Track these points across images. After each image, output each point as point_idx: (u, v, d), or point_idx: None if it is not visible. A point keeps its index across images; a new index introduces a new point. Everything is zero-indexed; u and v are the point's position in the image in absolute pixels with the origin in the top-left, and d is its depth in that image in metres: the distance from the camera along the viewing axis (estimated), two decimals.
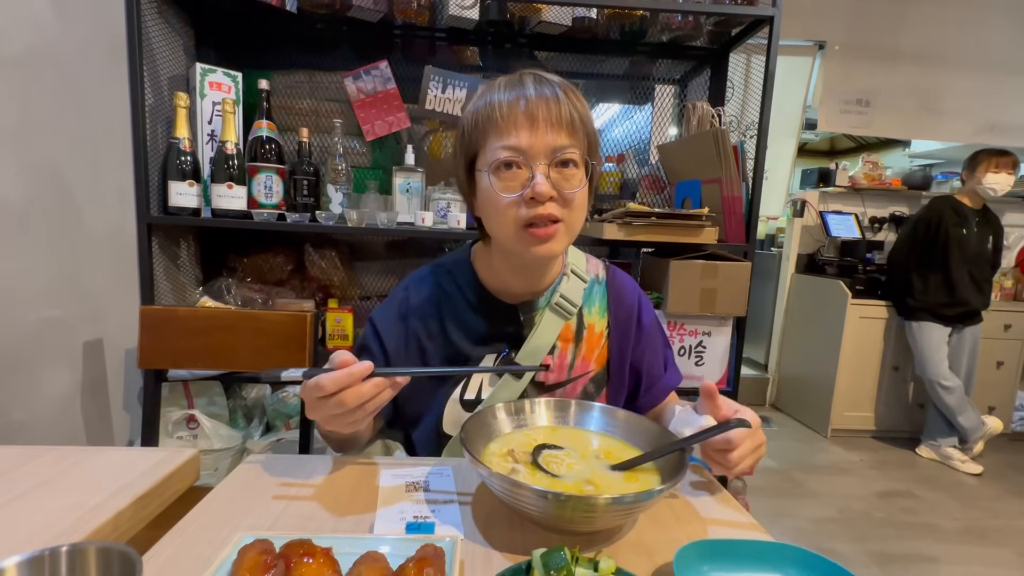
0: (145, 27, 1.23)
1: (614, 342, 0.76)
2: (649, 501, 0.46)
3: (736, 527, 0.54)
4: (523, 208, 0.61)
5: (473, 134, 0.64)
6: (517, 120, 0.60)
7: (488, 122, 0.62)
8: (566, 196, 0.61)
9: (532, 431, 0.61)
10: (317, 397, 0.51)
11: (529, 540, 0.48)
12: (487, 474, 0.46)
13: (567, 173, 0.62)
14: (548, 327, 0.71)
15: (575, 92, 0.64)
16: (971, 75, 2.83)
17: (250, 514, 0.51)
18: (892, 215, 3.16)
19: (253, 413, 1.54)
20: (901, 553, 1.81)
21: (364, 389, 0.51)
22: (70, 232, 1.08)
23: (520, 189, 0.61)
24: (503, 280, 0.71)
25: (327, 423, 0.54)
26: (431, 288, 0.73)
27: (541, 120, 0.60)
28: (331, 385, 0.50)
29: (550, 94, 0.61)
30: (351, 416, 0.52)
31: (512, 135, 0.60)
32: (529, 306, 0.72)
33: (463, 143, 0.66)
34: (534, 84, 0.62)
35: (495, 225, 0.65)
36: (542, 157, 0.60)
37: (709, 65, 1.66)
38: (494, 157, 0.61)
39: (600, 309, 0.76)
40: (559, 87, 0.62)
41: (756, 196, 1.43)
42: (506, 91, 0.62)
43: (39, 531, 0.44)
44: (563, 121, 0.60)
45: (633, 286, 0.80)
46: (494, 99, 0.62)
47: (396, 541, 0.44)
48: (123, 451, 0.60)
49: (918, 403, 2.84)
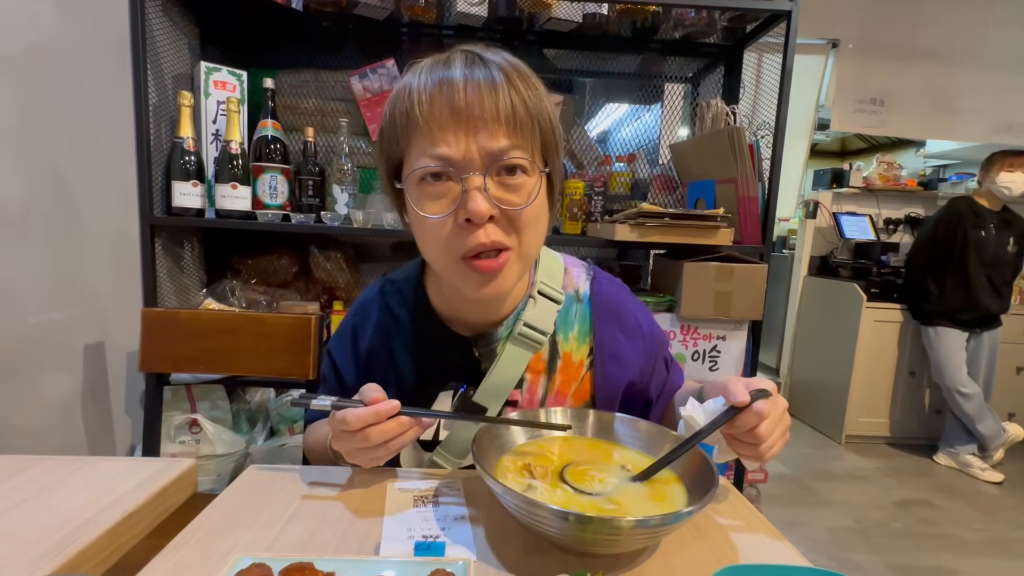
0: (149, 25, 1.22)
1: (599, 374, 0.63)
2: (677, 523, 0.42)
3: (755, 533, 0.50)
4: (458, 234, 0.49)
5: (392, 136, 0.51)
6: (441, 117, 0.47)
7: (408, 121, 0.49)
8: (511, 215, 0.49)
9: (547, 442, 0.58)
10: (342, 430, 0.50)
11: (547, 563, 0.45)
12: (501, 491, 0.43)
13: (512, 183, 0.49)
14: (512, 360, 0.59)
15: (522, 74, 0.50)
16: (988, 74, 2.77)
17: (250, 530, 0.48)
18: (907, 216, 3.10)
19: (257, 417, 1.52)
20: (922, 565, 1.75)
21: (389, 427, 0.49)
22: (71, 233, 1.06)
23: (449, 206, 0.49)
24: (454, 308, 0.61)
25: (350, 456, 0.52)
26: (379, 313, 0.63)
27: (474, 116, 0.47)
28: (356, 422, 0.48)
29: (484, 78, 0.47)
30: (374, 452, 0.51)
31: (438, 138, 0.47)
32: (487, 338, 0.60)
33: (383, 147, 0.53)
34: (464, 66, 0.48)
35: (427, 254, 0.55)
36: (475, 166, 0.48)
37: (723, 62, 1.63)
38: (416, 166, 0.49)
39: (580, 334, 0.63)
40: (498, 68, 0.48)
41: (772, 196, 1.39)
42: (428, 76, 0.48)
43: (24, 550, 0.41)
44: (502, 116, 0.47)
45: (623, 298, 0.67)
46: (413, 90, 0.48)
47: (404, 564, 0.41)
48: (118, 461, 0.57)
49: (935, 409, 2.77)
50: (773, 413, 0.48)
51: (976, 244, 2.39)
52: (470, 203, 0.47)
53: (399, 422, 0.50)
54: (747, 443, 0.49)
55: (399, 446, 0.51)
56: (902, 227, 3.12)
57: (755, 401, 0.48)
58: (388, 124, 0.52)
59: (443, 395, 0.62)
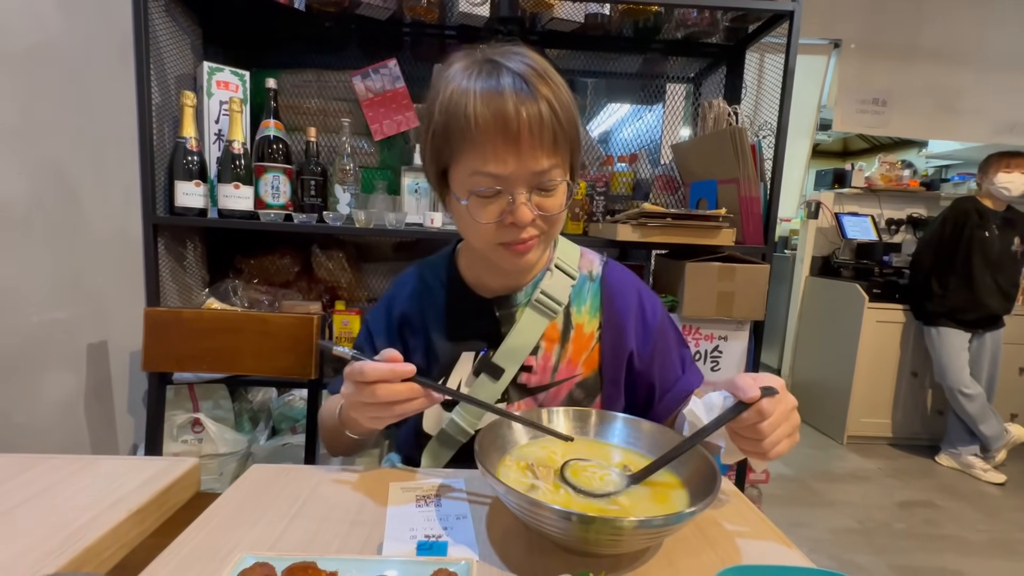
0: (152, 25, 1.22)
1: (607, 345, 0.69)
2: (679, 524, 0.42)
3: (759, 536, 0.50)
4: (502, 230, 0.58)
5: (444, 143, 0.57)
6: (495, 141, 0.54)
7: (461, 136, 0.55)
8: (547, 217, 0.59)
9: (550, 442, 0.58)
10: (356, 381, 0.51)
11: (550, 562, 0.45)
12: (504, 491, 0.43)
13: (549, 194, 0.58)
14: (529, 326, 0.66)
15: (554, 84, 0.56)
16: (991, 74, 2.76)
17: (253, 529, 0.48)
18: (910, 217, 3.10)
19: (259, 417, 1.52)
20: (925, 566, 1.75)
21: (399, 388, 0.51)
22: (74, 232, 1.07)
23: (498, 215, 0.57)
24: (479, 274, 0.70)
25: (355, 410, 0.54)
26: (414, 283, 0.72)
27: (523, 141, 0.54)
28: (372, 373, 0.50)
29: (533, 109, 0.53)
30: (378, 411, 0.52)
31: (490, 161, 0.54)
32: (506, 301, 0.68)
33: (433, 147, 0.59)
34: (513, 91, 0.53)
35: (471, 238, 0.63)
36: (523, 183, 0.56)
37: (725, 63, 1.62)
38: (471, 183, 0.56)
39: (591, 308, 0.70)
40: (537, 87, 0.54)
41: (775, 196, 1.38)
42: (482, 97, 0.53)
43: (29, 549, 0.41)
44: (545, 139, 0.55)
45: (633, 282, 0.73)
46: (468, 108, 0.53)
47: (406, 564, 0.41)
48: (121, 460, 0.57)
49: (937, 410, 2.76)
50: (778, 411, 0.48)
51: (980, 244, 2.39)
52: (518, 213, 0.56)
53: (409, 387, 0.51)
54: (750, 439, 0.49)
55: (403, 412, 0.52)
56: (904, 227, 3.11)
57: (762, 398, 0.48)
58: (441, 131, 0.57)
59: (465, 355, 0.68)
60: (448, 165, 0.59)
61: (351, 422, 0.59)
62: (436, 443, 0.68)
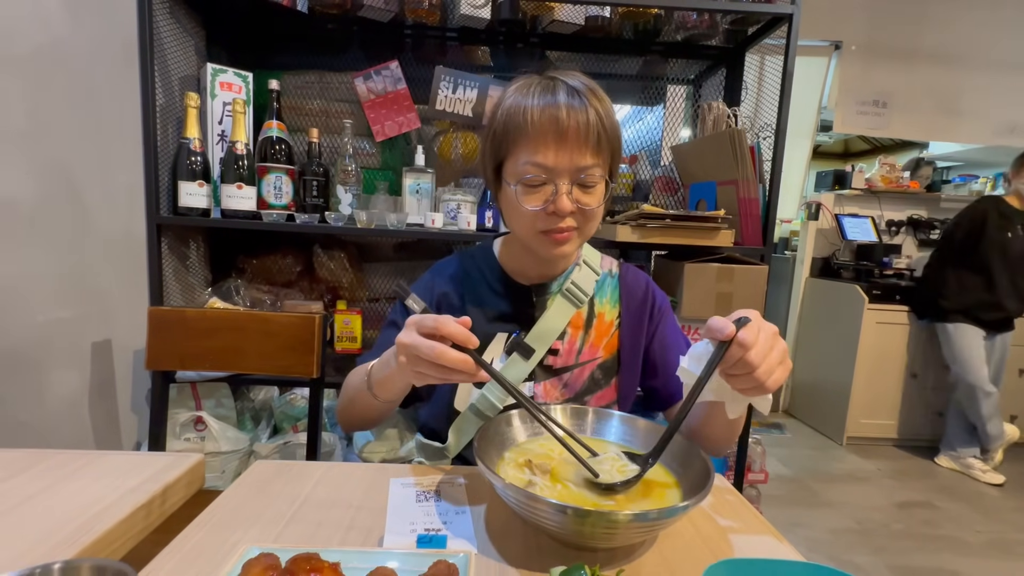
0: (156, 27, 1.23)
1: (626, 332, 0.77)
2: (673, 518, 0.43)
3: (753, 533, 0.51)
4: (543, 219, 0.64)
5: (503, 139, 0.65)
6: (546, 136, 0.61)
7: (518, 132, 0.63)
8: (584, 210, 0.64)
9: (549, 440, 0.59)
10: (425, 332, 0.52)
11: (546, 555, 0.46)
12: (501, 486, 0.44)
13: (589, 190, 0.65)
14: (558, 312, 0.73)
15: (603, 100, 0.64)
16: (991, 75, 2.77)
17: (256, 523, 0.49)
18: (910, 218, 3.10)
19: (261, 415, 1.53)
20: (923, 567, 1.75)
21: (451, 355, 0.50)
22: (79, 232, 1.08)
23: (542, 203, 0.64)
24: (520, 263, 0.75)
25: (407, 359, 0.53)
26: (456, 268, 0.78)
27: (570, 138, 0.61)
28: (437, 327, 0.51)
29: (581, 111, 0.61)
30: (428, 368, 0.52)
31: (540, 152, 0.62)
32: (542, 289, 0.75)
33: (492, 144, 0.67)
34: (566, 96, 0.62)
35: (515, 226, 0.69)
36: (566, 176, 0.63)
37: (724, 65, 1.63)
38: (521, 171, 0.63)
39: (612, 300, 0.78)
40: (588, 99, 0.62)
41: (773, 198, 1.39)
42: (539, 99, 0.62)
43: (39, 541, 0.43)
44: (590, 140, 0.62)
45: (646, 281, 0.81)
46: (526, 107, 0.62)
47: (407, 556, 0.42)
48: (127, 456, 0.58)
49: (937, 411, 2.77)
50: (760, 339, 0.49)
51: (1000, 245, 2.35)
52: (559, 202, 0.63)
53: (462, 358, 0.51)
54: (745, 375, 0.49)
55: (441, 376, 0.52)
56: (904, 229, 3.12)
57: (738, 332, 0.48)
58: (501, 130, 0.65)
59: (500, 335, 0.73)
60: (504, 159, 0.66)
61: (386, 382, 0.60)
62: (464, 419, 0.71)
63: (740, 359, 0.48)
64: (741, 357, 0.48)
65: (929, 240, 3.10)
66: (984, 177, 3.49)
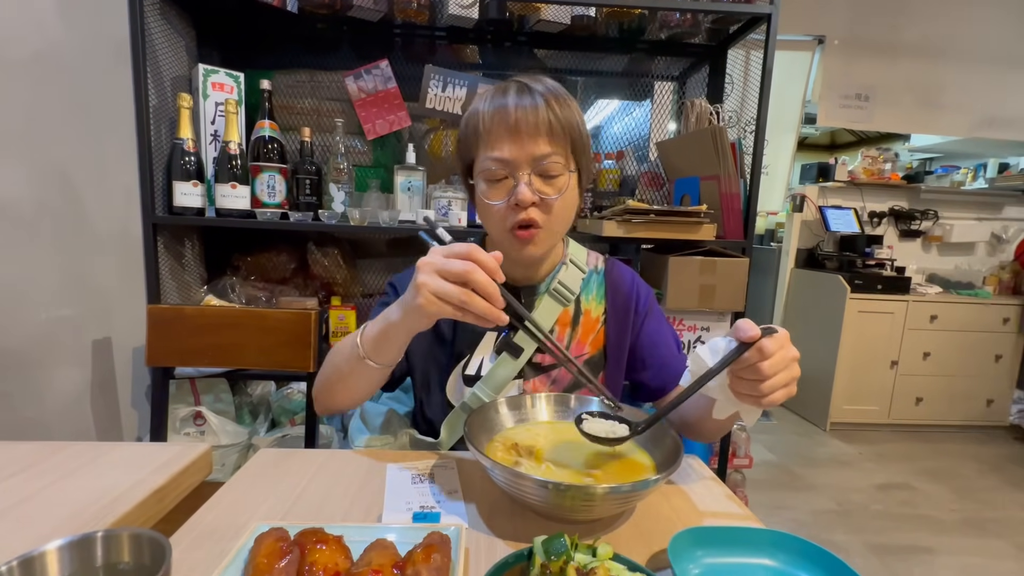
0: (148, 28, 1.25)
1: (611, 328, 0.79)
2: (646, 490, 0.48)
3: (733, 519, 0.55)
4: (509, 213, 0.66)
5: (465, 143, 0.70)
6: (499, 132, 0.65)
7: (475, 133, 0.67)
8: (548, 202, 0.66)
9: (534, 426, 0.63)
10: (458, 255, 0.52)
11: (531, 529, 0.50)
12: (490, 465, 0.48)
13: (550, 180, 0.66)
14: (546, 311, 0.75)
15: (560, 98, 0.66)
16: (970, 69, 2.83)
17: (263, 505, 0.53)
18: (891, 209, 3.17)
19: (259, 410, 1.57)
20: (898, 544, 1.83)
21: (483, 279, 0.51)
22: (78, 233, 1.10)
23: (506, 196, 0.66)
24: (505, 267, 0.74)
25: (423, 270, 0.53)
26: None
27: (522, 130, 0.64)
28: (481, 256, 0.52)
29: (530, 104, 0.64)
30: (443, 284, 0.51)
31: (496, 147, 0.65)
32: (531, 291, 0.77)
33: (460, 150, 0.72)
34: (516, 94, 0.65)
35: (489, 227, 0.72)
36: (525, 166, 0.65)
37: (707, 62, 1.67)
38: (483, 167, 0.67)
39: (597, 297, 0.80)
40: (541, 95, 0.65)
41: (754, 192, 1.44)
42: (491, 101, 0.66)
43: (65, 521, 0.46)
44: (542, 130, 0.64)
45: (631, 276, 0.83)
46: (479, 110, 0.67)
47: (403, 530, 0.46)
48: (138, 446, 0.62)
49: (916, 397, 2.86)
50: (779, 354, 0.49)
51: None
52: (519, 192, 0.65)
53: (493, 286, 0.52)
54: (750, 381, 0.50)
55: (471, 304, 0.51)
56: (886, 220, 3.19)
57: (762, 337, 0.49)
58: (463, 136, 0.70)
59: (489, 335, 0.75)
60: (471, 160, 0.70)
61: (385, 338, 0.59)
62: (455, 416, 0.73)
63: (754, 364, 0.49)
64: (756, 363, 0.49)
65: (910, 230, 3.18)
66: (965, 168, 3.57)
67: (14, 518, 0.47)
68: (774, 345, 0.49)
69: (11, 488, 0.51)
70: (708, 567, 0.45)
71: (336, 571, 0.38)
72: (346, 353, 0.65)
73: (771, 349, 0.49)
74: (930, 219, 3.17)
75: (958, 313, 2.83)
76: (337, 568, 0.39)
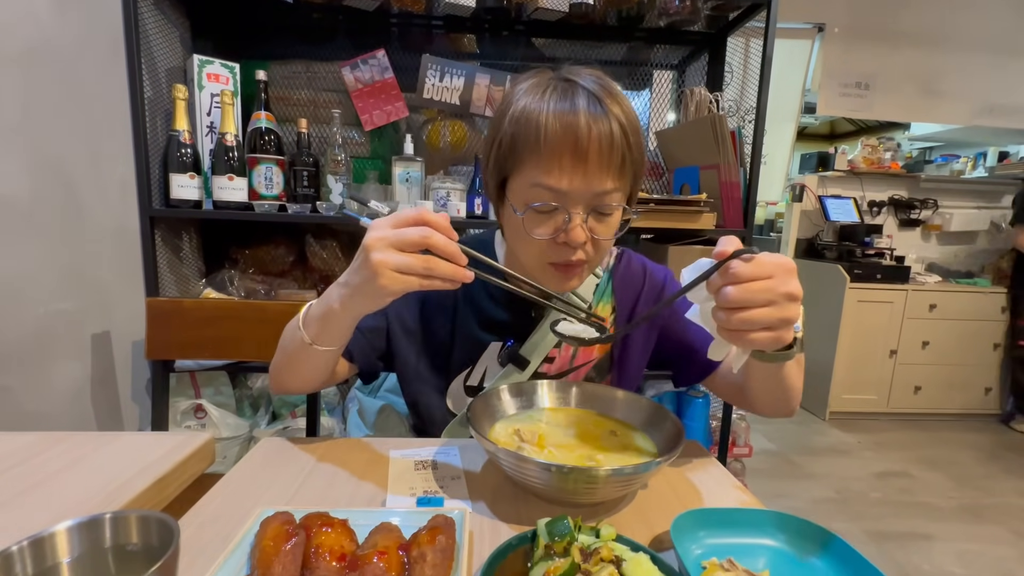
0: (142, 19, 1.23)
1: (621, 326, 0.74)
2: (648, 472, 0.48)
3: (735, 501, 0.56)
4: (554, 248, 0.57)
5: (510, 151, 0.56)
6: (563, 157, 0.53)
7: (529, 149, 0.55)
8: (598, 241, 0.58)
9: (536, 412, 0.63)
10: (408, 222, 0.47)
11: (534, 512, 0.50)
12: (494, 449, 0.48)
13: (605, 219, 0.58)
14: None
15: (634, 123, 0.56)
16: (970, 57, 2.81)
17: (268, 491, 0.53)
18: (891, 199, 3.17)
19: (259, 402, 1.57)
20: (896, 531, 1.85)
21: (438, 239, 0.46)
22: (75, 226, 1.10)
23: (552, 232, 0.56)
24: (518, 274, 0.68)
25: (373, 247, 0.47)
26: None
27: (591, 162, 0.53)
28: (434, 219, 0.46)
29: (605, 129, 0.53)
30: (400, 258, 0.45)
31: (555, 174, 0.54)
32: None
33: (497, 156, 0.58)
34: (587, 108, 0.53)
35: (519, 253, 0.61)
36: (582, 203, 0.55)
37: (707, 50, 1.66)
38: (530, 195, 0.55)
39: (605, 297, 0.75)
40: (616, 119, 0.54)
41: (754, 181, 1.44)
42: (552, 104, 0.54)
43: (71, 507, 0.46)
44: (613, 163, 0.54)
45: (641, 267, 0.76)
46: (540, 117, 0.53)
47: (408, 514, 0.46)
48: (141, 436, 0.62)
49: (915, 386, 2.88)
50: (760, 283, 0.41)
51: None
52: (572, 232, 0.55)
53: (453, 246, 0.46)
54: (725, 311, 0.43)
55: (427, 267, 0.46)
56: (886, 209, 3.19)
57: (732, 257, 0.41)
58: (508, 141, 0.56)
59: (493, 344, 0.69)
60: (508, 175, 0.58)
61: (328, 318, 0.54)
62: (457, 424, 0.71)
63: (720, 289, 0.42)
64: (720, 287, 0.42)
65: (910, 219, 3.18)
66: (965, 157, 3.56)
67: (19, 505, 0.47)
68: (747, 271, 0.41)
69: (16, 477, 0.51)
70: (710, 547, 0.45)
71: (342, 553, 0.39)
72: (290, 336, 0.60)
73: (742, 274, 0.41)
74: (930, 208, 3.17)
75: (957, 302, 2.84)
76: (343, 551, 0.39)
